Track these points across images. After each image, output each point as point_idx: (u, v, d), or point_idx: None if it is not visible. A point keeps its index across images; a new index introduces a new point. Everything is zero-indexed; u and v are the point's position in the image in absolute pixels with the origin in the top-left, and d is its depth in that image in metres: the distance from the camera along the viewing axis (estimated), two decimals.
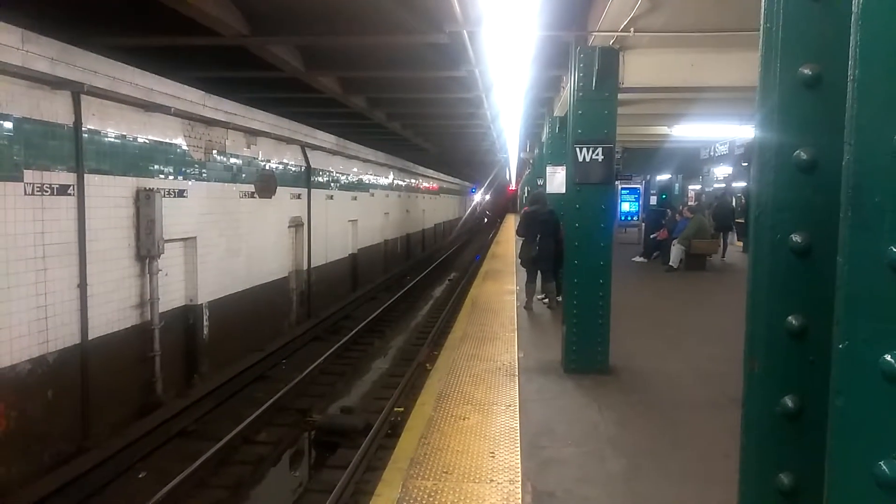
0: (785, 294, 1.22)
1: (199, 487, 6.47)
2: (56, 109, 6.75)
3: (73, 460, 6.61)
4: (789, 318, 1.21)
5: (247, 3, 7.16)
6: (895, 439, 0.89)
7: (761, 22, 1.21)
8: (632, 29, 5.54)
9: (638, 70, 6.24)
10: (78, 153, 7.00)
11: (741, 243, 17.73)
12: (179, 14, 6.57)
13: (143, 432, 7.26)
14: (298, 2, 7.24)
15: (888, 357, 0.88)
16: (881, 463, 0.89)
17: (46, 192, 6.61)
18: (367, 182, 19.93)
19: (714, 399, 5.41)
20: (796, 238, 1.18)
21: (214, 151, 10.08)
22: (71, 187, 6.95)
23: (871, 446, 0.90)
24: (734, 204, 19.33)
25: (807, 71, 1.15)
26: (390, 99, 13.42)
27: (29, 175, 6.37)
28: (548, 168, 11.42)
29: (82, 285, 7.07)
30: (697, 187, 22.90)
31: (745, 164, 16.47)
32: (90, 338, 7.20)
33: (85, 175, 7.09)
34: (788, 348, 1.22)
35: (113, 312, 7.69)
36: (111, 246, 7.64)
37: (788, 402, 1.23)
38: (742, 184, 19.66)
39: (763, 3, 1.21)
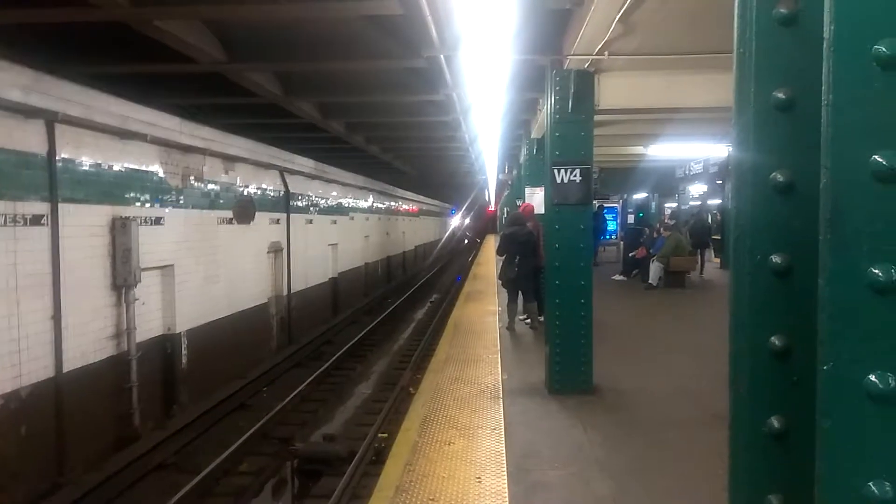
0: (767, 315, 1.22)
1: None
2: (29, 138, 6.67)
3: (48, 497, 6.42)
4: (772, 338, 1.21)
5: (224, 30, 7.18)
6: (883, 460, 0.89)
7: (734, 47, 1.23)
8: (606, 52, 5.64)
9: (613, 92, 6.34)
10: (52, 182, 6.90)
11: (718, 259, 17.95)
12: (155, 41, 6.56)
13: (120, 466, 7.09)
14: (276, 28, 7.27)
15: (872, 377, 0.89)
16: (870, 484, 0.89)
17: (19, 222, 6.49)
18: (346, 206, 19.91)
19: (698, 417, 5.42)
20: (776, 259, 1.19)
21: (191, 178, 10.00)
22: (44, 217, 6.84)
23: (860, 468, 0.90)
24: (710, 221, 19.61)
25: (780, 95, 1.17)
26: (369, 123, 13.48)
27: (1, 206, 6.26)
28: (526, 189, 11.51)
29: (56, 317, 6.93)
30: (674, 205, 23.22)
31: (720, 181, 16.75)
32: (65, 370, 7.04)
33: (59, 204, 6.99)
34: (772, 369, 1.22)
35: (88, 344, 7.54)
36: (86, 276, 7.51)
37: (775, 422, 1.23)
38: (717, 201, 19.98)
39: (735, 28, 1.23)
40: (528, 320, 9.53)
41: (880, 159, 0.88)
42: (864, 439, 0.90)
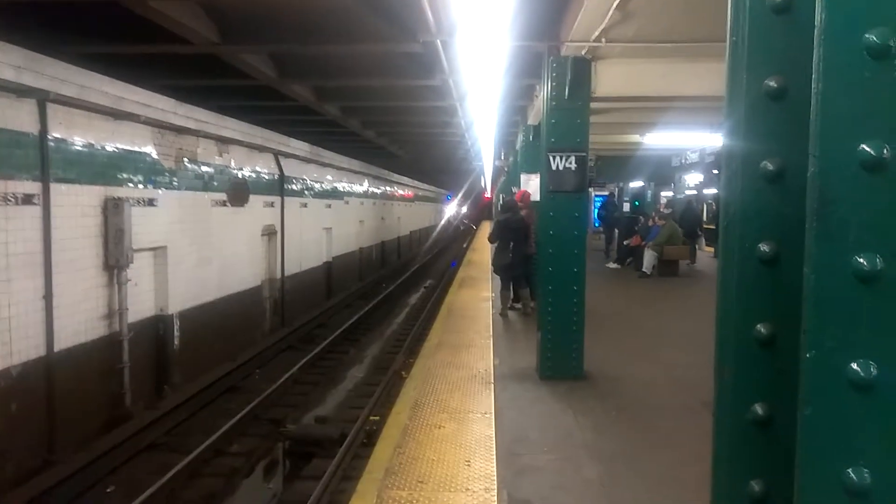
0: (753, 302, 1.23)
1: (170, 501, 6.34)
2: (21, 117, 6.61)
3: (38, 475, 6.44)
4: (758, 326, 1.22)
5: (218, 12, 7.09)
6: (862, 447, 0.90)
7: (727, 35, 1.23)
8: (603, 39, 5.61)
9: (610, 79, 6.31)
10: (44, 162, 6.85)
11: (711, 249, 17.99)
12: (150, 22, 6.49)
13: (111, 445, 7.10)
14: (271, 10, 7.19)
15: (854, 366, 0.90)
16: (849, 471, 0.90)
17: (10, 201, 6.45)
18: (341, 190, 19.84)
19: (688, 404, 5.47)
20: (764, 247, 1.19)
21: (185, 160, 9.94)
22: (36, 196, 6.79)
23: (839, 455, 0.91)
24: (704, 210, 19.62)
25: (772, 83, 1.17)
26: (365, 107, 13.40)
27: None
28: (522, 176, 11.49)
29: (48, 296, 6.90)
30: (669, 194, 23.24)
31: (716, 171, 16.75)
32: (56, 349, 7.03)
33: (51, 184, 6.94)
34: (757, 356, 1.23)
35: (80, 324, 7.52)
36: (78, 256, 7.47)
37: (758, 409, 1.24)
38: (713, 190, 20.00)
39: (729, 16, 1.23)
40: (521, 306, 9.56)
41: (868, 149, 0.88)
42: (844, 427, 0.91)
